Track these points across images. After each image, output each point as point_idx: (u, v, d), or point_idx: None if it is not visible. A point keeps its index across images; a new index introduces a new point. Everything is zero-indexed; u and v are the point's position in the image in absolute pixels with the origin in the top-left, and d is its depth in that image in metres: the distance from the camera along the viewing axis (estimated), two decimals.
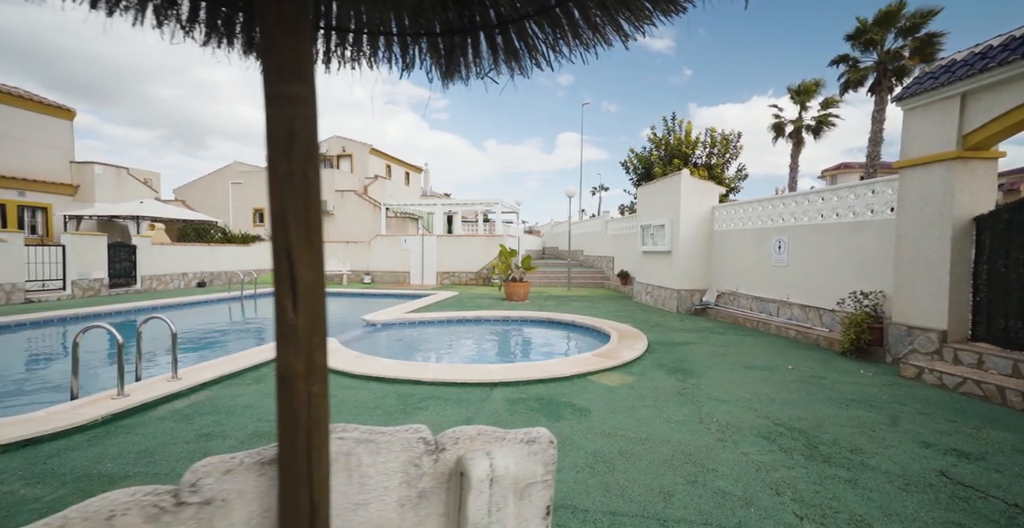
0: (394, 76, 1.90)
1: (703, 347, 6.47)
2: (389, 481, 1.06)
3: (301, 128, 0.84)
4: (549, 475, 1.26)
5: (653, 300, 11.35)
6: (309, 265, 0.84)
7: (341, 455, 1.04)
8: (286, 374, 0.88)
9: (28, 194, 15.95)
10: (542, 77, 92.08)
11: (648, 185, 12.17)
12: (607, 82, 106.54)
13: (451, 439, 1.15)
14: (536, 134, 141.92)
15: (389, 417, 3.55)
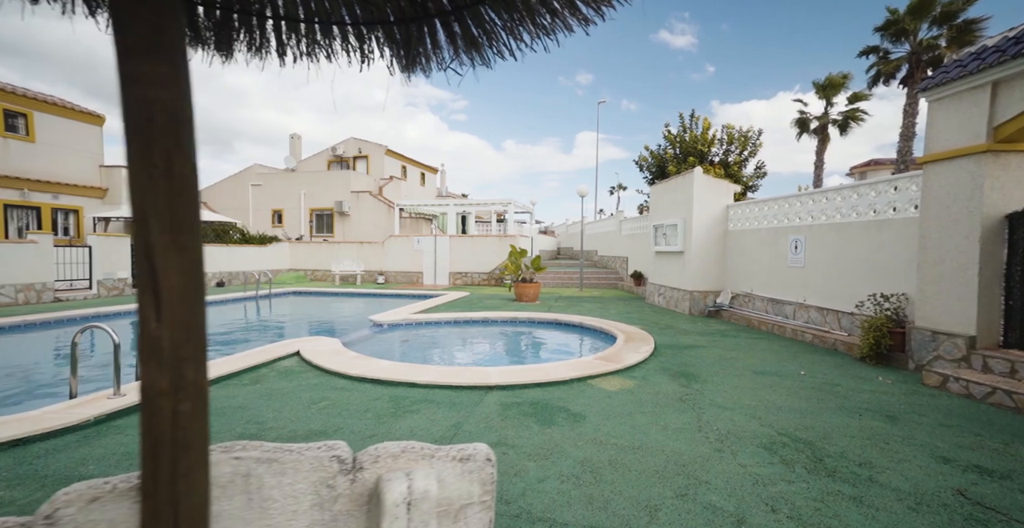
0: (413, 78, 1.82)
1: (712, 351, 6.24)
2: (298, 504, 0.97)
3: (162, 114, 0.75)
4: (488, 495, 1.16)
5: (665, 302, 11.08)
6: (178, 269, 0.75)
7: (239, 477, 0.96)
8: (148, 391, 0.79)
9: (61, 197, 16.64)
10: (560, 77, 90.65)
11: (661, 184, 11.90)
12: (627, 80, 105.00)
13: (371, 457, 1.06)
14: (554, 134, 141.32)
15: (378, 420, 3.50)
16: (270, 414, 3.54)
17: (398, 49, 1.64)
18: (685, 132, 15.81)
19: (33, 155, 16.05)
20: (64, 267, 11.68)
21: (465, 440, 3.16)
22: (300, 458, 0.99)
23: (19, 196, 15.52)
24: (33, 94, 16.40)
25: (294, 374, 4.72)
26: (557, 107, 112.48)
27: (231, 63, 1.65)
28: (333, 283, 17.16)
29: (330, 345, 5.78)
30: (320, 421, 3.43)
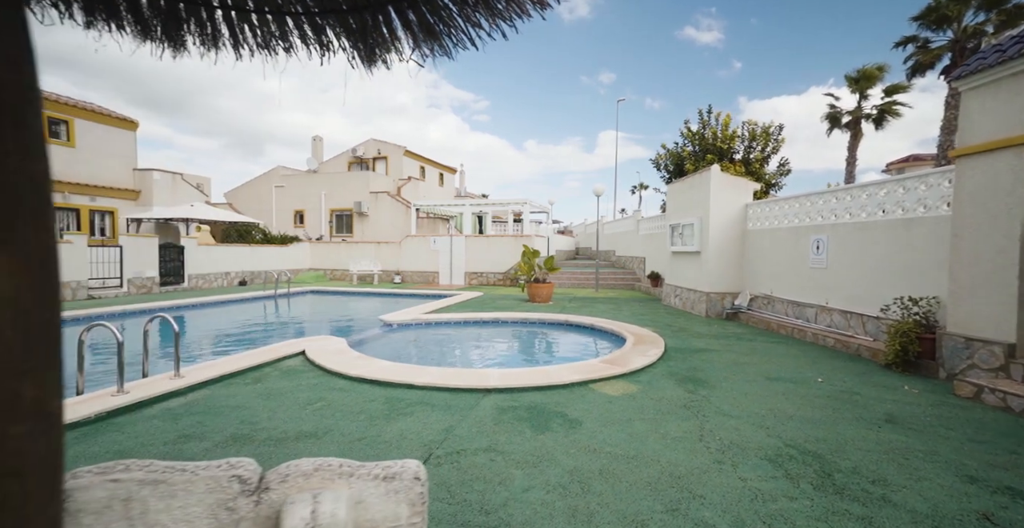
0: (437, 80, 1.77)
1: (725, 355, 6.00)
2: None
3: None
4: (418, 517, 1.08)
5: (682, 303, 10.77)
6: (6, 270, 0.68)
7: (117, 502, 0.89)
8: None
9: (98, 199, 17.42)
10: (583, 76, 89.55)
11: (677, 182, 11.58)
12: (650, 78, 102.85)
13: (279, 476, 0.99)
14: (577, 133, 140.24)
15: (369, 423, 3.46)
16: (265, 414, 3.56)
17: (356, 40, 1.57)
18: (704, 129, 15.33)
19: (73, 160, 16.85)
20: (97, 266, 12.21)
21: (455, 445, 3.09)
22: (194, 478, 0.93)
23: (60, 198, 16.30)
24: (73, 102, 17.22)
25: (296, 374, 4.75)
26: (579, 106, 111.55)
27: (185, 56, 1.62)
28: (351, 283, 17.41)
29: (335, 345, 5.81)
30: (312, 422, 3.42)
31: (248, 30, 1.59)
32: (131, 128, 18.61)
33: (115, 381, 3.70)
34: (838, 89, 61.01)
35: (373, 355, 6.33)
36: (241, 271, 16.03)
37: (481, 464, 2.82)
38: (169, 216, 15.94)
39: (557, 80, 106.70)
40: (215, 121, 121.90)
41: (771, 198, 8.93)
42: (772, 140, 15.20)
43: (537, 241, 17.36)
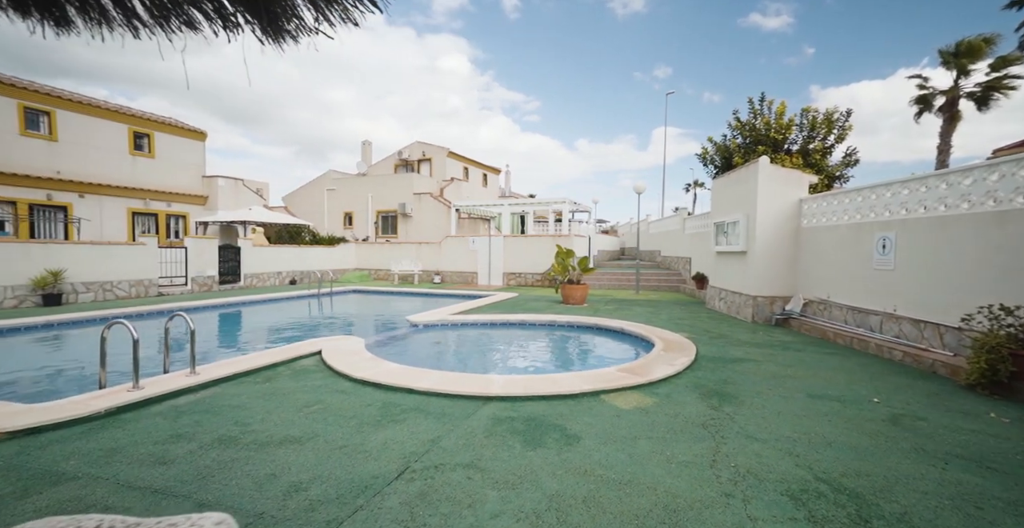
0: (488, 82, 1.67)
1: (765, 366, 5.40)
2: None
3: None
4: None
5: (727, 307, 9.98)
6: None
7: None
8: None
9: (173, 205, 19.13)
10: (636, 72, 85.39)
11: (722, 177, 10.77)
12: (708, 71, 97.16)
13: None
14: (630, 131, 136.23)
15: (357, 429, 3.37)
16: (260, 416, 3.57)
17: (256, 11, 1.43)
18: (756, 119, 14.14)
19: (153, 169, 18.60)
20: (166, 266, 13.32)
21: (436, 459, 2.92)
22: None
23: (142, 205, 18.07)
24: (154, 116, 19.00)
25: (305, 374, 4.79)
26: (632, 104, 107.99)
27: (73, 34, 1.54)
28: (393, 282, 17.87)
29: (351, 345, 5.85)
30: (301, 427, 3.38)
31: (139, 5, 1.49)
32: (201, 138, 20.23)
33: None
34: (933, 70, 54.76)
35: (394, 356, 6.34)
36: (291, 271, 16.92)
37: (456, 482, 2.63)
38: (230, 219, 17.14)
39: (609, 77, 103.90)
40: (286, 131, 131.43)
41: (831, 191, 8.01)
42: (836, 128, 13.76)
43: (576, 241, 16.92)
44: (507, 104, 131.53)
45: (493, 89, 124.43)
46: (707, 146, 15.26)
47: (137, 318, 9.28)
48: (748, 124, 14.17)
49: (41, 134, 15.56)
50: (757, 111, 14.16)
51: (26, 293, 10.33)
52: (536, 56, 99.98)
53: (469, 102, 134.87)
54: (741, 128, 14.28)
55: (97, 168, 16.71)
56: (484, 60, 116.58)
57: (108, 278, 11.73)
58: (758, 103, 14.26)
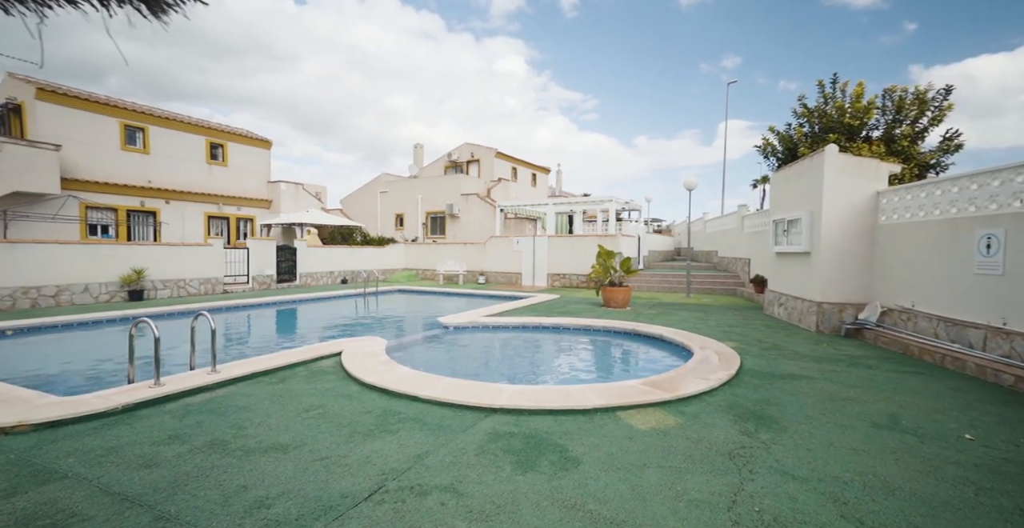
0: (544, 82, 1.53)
1: (822, 385, 4.68)
2: None
3: None
4: None
5: (787, 314, 8.99)
6: None
7: None
8: None
9: (242, 208, 20.71)
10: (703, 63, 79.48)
11: (783, 170, 9.73)
12: (786, 57, 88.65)
13: None
14: (693, 126, 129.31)
15: (347, 440, 3.25)
16: (258, 419, 3.57)
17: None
18: (826, 104, 12.57)
19: (226, 176, 20.24)
20: (230, 265, 14.40)
21: (414, 478, 2.72)
22: None
23: (216, 209, 19.73)
24: (227, 128, 20.69)
25: (320, 375, 4.81)
26: (697, 97, 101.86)
27: None
28: (438, 282, 18.12)
29: (372, 347, 5.84)
30: (292, 433, 3.32)
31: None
32: (266, 147, 21.76)
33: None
34: None
35: (414, 359, 6.28)
36: (343, 270, 17.68)
37: (427, 509, 2.40)
38: (289, 222, 18.23)
39: (672, 71, 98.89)
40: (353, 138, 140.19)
41: (919, 182, 6.90)
42: (931, 108, 11.93)
43: (623, 241, 16.20)
44: (564, 103, 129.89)
45: (550, 89, 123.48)
46: (769, 136, 13.80)
47: (214, 312, 10.06)
48: (817, 110, 12.63)
49: (137, 148, 17.44)
50: (828, 95, 12.58)
51: (116, 289, 11.55)
52: (594, 54, 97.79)
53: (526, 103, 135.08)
54: (808, 115, 12.75)
55: (180, 177, 18.46)
56: (541, 61, 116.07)
57: (181, 276, 12.85)
58: (829, 86, 12.66)
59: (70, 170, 15.44)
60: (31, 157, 14.18)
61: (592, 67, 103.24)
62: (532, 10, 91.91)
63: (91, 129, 16.17)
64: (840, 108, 12.12)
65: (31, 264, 10.24)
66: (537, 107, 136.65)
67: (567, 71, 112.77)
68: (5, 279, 9.92)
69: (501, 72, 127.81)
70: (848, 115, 12.01)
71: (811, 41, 79.21)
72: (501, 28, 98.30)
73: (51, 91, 15.39)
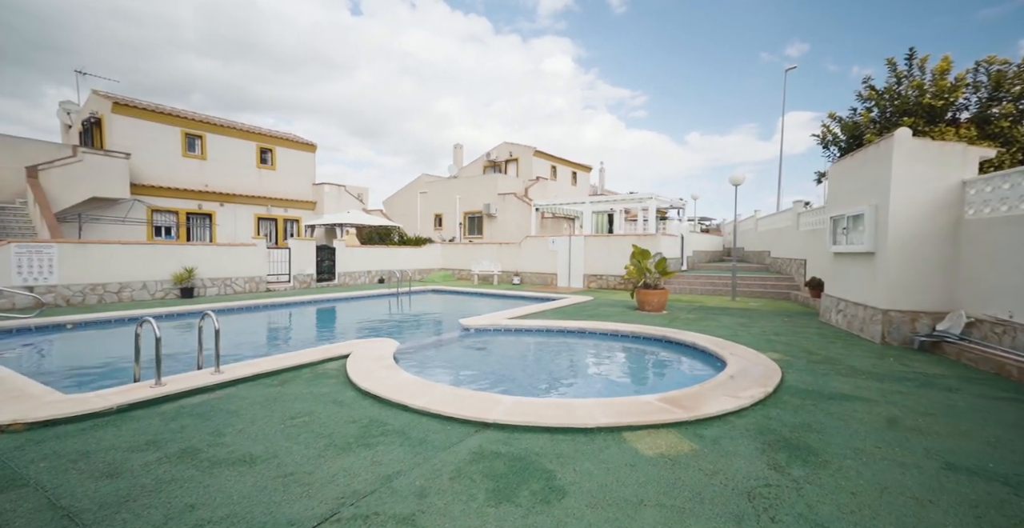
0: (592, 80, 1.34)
1: (881, 409, 3.96)
2: None
3: None
4: None
5: (846, 322, 7.98)
6: None
7: None
8: None
9: (289, 210, 21.71)
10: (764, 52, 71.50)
11: (842, 161, 8.68)
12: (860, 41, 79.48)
13: None
14: (752, 119, 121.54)
15: (320, 453, 3.05)
16: (241, 426, 3.45)
17: None
18: (900, 83, 11.03)
19: (275, 180, 21.28)
20: (273, 264, 15.05)
21: (374, 505, 2.45)
22: None
23: (265, 211, 20.78)
24: (275, 133, 21.75)
25: (322, 379, 4.69)
26: (757, 89, 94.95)
27: None
28: (472, 283, 18.03)
29: (381, 349, 5.69)
30: (268, 444, 3.15)
31: None
32: (311, 150, 22.66)
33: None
34: None
35: (423, 363, 6.10)
36: (380, 270, 18.01)
37: None
38: (329, 222, 18.84)
39: (729, 63, 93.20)
40: (403, 142, 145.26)
41: (1020, 168, 5.82)
42: None
43: (664, 241, 15.33)
44: (612, 101, 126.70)
45: (597, 87, 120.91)
46: (829, 124, 12.33)
47: (253, 310, 10.83)
48: (888, 91, 11.10)
49: (196, 154, 18.70)
50: (902, 74, 11.01)
51: (170, 287, 12.33)
52: (643, 49, 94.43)
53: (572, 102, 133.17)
54: (877, 98, 11.24)
55: (233, 180, 19.61)
56: (588, 58, 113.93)
57: (228, 275, 13.53)
58: (903, 63, 11.09)
59: (138, 176, 16.77)
60: (106, 165, 15.52)
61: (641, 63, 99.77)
62: (579, 8, 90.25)
63: (156, 138, 17.49)
64: (918, 87, 10.56)
65: (98, 263, 11.12)
66: (584, 106, 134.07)
67: (615, 68, 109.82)
68: (77, 277, 10.82)
69: (548, 72, 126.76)
70: (929, 95, 10.46)
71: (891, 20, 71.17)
72: (548, 28, 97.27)
73: (124, 104, 16.79)
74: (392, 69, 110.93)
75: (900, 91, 10.92)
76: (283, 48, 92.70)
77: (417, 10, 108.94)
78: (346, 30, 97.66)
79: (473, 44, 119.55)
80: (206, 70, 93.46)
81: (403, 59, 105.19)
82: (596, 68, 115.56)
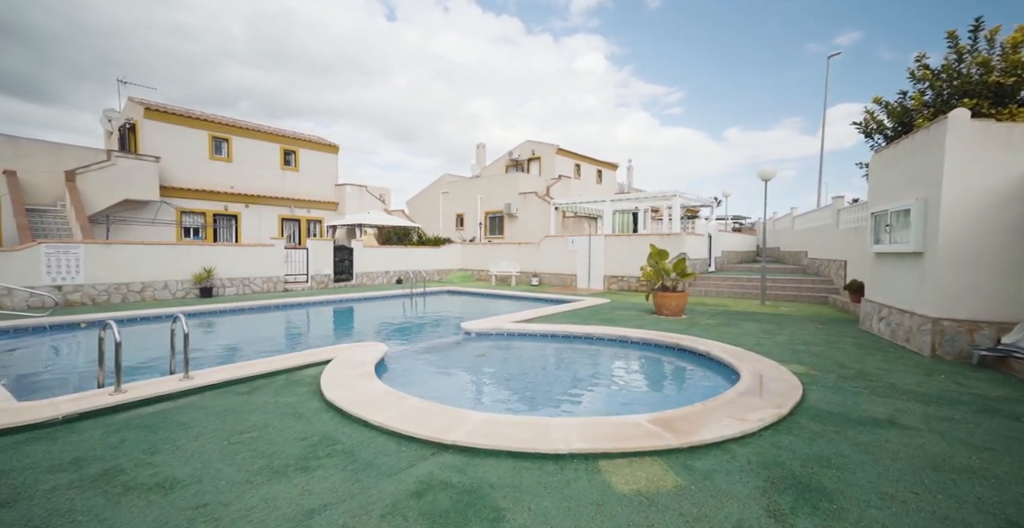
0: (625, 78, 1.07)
1: (924, 441, 3.30)
2: None
3: None
4: None
5: (890, 331, 7.10)
6: None
7: None
8: None
9: (312, 211, 22.06)
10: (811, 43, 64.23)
11: (885, 150, 7.77)
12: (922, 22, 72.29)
13: None
14: (796, 113, 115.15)
15: (251, 478, 2.73)
16: (182, 441, 3.19)
17: None
18: (960, 61, 9.72)
19: (298, 181, 21.67)
20: (291, 264, 15.22)
21: None
22: None
23: (288, 212, 21.19)
24: (299, 135, 22.16)
25: (292, 387, 4.42)
26: (802, 81, 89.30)
27: None
28: (490, 283, 17.70)
29: (366, 355, 5.39)
30: (197, 464, 2.84)
31: None
32: (334, 152, 22.96)
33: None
34: None
35: (418, 368, 5.81)
36: (398, 270, 17.95)
37: None
38: (348, 223, 18.95)
39: (771, 56, 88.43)
40: (436, 144, 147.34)
41: None
42: None
43: (689, 240, 14.49)
44: (646, 98, 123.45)
45: (631, 85, 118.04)
46: (873, 110, 11.09)
47: (274, 309, 11.06)
48: (946, 70, 9.80)
49: (222, 157, 19.26)
50: (964, 50, 9.70)
51: (190, 286, 12.62)
52: (679, 44, 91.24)
53: (605, 101, 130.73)
54: (932, 78, 9.95)
55: (258, 182, 20.07)
56: (621, 56, 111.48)
57: (246, 275, 13.75)
58: (967, 37, 9.71)
59: (167, 178, 17.38)
60: (137, 168, 16.15)
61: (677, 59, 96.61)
62: (613, 4, 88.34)
63: (185, 141, 18.09)
64: (983, 64, 9.23)
65: (122, 263, 11.47)
66: (617, 104, 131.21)
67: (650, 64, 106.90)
68: (102, 276, 11.20)
69: (580, 70, 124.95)
70: (997, 72, 9.17)
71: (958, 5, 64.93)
72: (580, 25, 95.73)
73: (155, 110, 17.46)
74: (425, 73, 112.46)
75: (960, 69, 9.64)
76: (322, 55, 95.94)
77: (450, 13, 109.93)
78: (382, 36, 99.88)
79: (505, 45, 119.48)
80: (252, 79, 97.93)
81: (436, 62, 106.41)
82: (630, 65, 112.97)
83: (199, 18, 68.26)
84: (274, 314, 10.67)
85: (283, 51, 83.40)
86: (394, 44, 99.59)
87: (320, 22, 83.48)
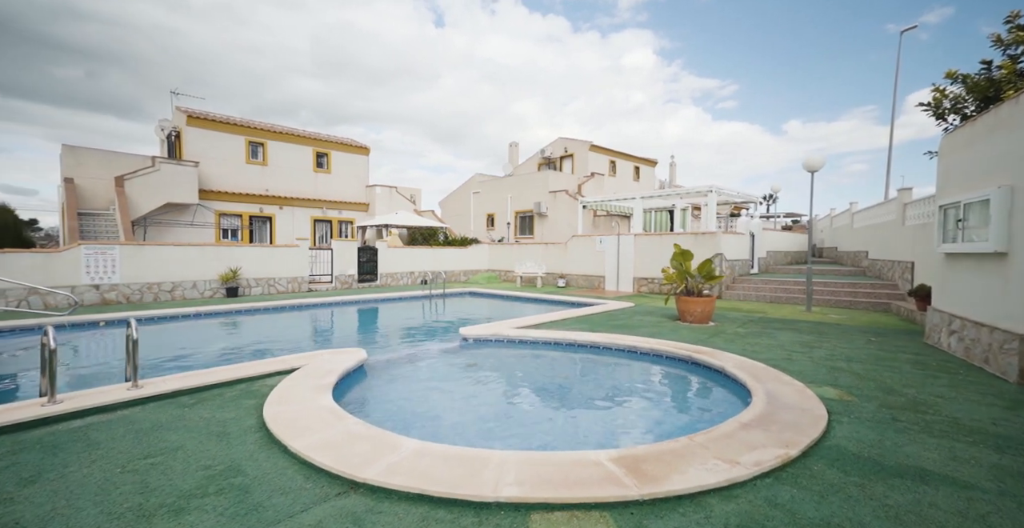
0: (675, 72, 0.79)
1: (986, 508, 2.42)
2: None
3: None
4: None
5: (963, 349, 5.87)
6: None
7: None
8: None
9: (343, 212, 22.50)
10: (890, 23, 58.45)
11: (957, 131, 6.50)
12: None
13: None
14: (869, 101, 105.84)
15: (114, 520, 2.36)
16: (70, 469, 2.83)
17: None
18: None
19: (330, 183, 22.17)
20: (317, 265, 15.43)
21: None
22: None
23: (321, 213, 21.70)
24: (331, 138, 22.65)
25: (241, 399, 4.10)
26: (875, 67, 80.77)
27: None
28: (515, 285, 17.17)
29: (336, 363, 5.01)
30: (59, 504, 2.39)
31: None
32: (365, 153, 23.30)
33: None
34: None
35: (397, 378, 5.40)
36: (423, 270, 17.82)
37: None
38: (379, 223, 19.08)
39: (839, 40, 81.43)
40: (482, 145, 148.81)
41: None
42: None
43: (728, 240, 13.26)
44: (697, 93, 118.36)
45: (681, 79, 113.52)
46: (945, 86, 9.35)
47: (288, 310, 11.15)
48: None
49: (258, 161, 20.00)
50: None
51: (217, 286, 13.02)
52: (734, 34, 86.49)
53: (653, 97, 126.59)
54: (1021, 42, 8.20)
55: (291, 184, 20.69)
56: (671, 50, 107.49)
57: (272, 275, 14.03)
58: None
59: (206, 182, 18.21)
60: (178, 173, 17.02)
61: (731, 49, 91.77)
62: None
63: (224, 146, 18.92)
64: None
65: (154, 264, 11.98)
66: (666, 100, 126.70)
67: (701, 57, 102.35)
68: (136, 276, 11.73)
69: (628, 67, 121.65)
70: None
71: None
72: (628, 21, 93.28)
73: (197, 117, 18.36)
74: (472, 76, 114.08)
75: None
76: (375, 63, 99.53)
77: (497, 16, 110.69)
78: (431, 42, 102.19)
79: (551, 44, 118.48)
80: (312, 90, 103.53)
81: (483, 65, 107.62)
82: (680, 59, 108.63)
83: (272, 36, 72.46)
84: (284, 315, 10.68)
85: (340, 61, 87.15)
86: (442, 49, 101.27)
87: (374, 32, 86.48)
